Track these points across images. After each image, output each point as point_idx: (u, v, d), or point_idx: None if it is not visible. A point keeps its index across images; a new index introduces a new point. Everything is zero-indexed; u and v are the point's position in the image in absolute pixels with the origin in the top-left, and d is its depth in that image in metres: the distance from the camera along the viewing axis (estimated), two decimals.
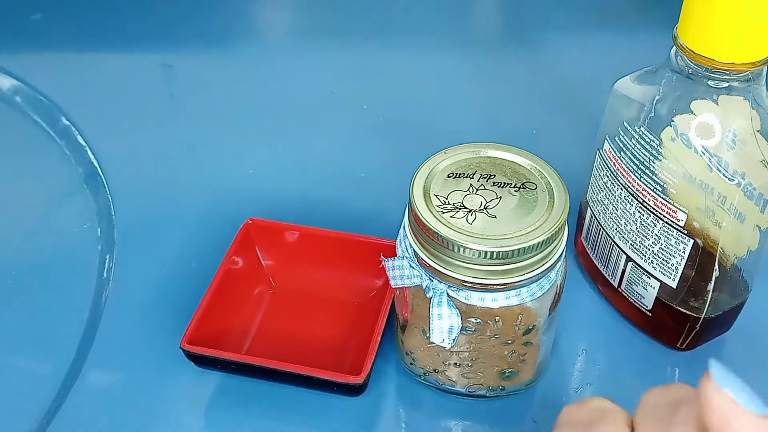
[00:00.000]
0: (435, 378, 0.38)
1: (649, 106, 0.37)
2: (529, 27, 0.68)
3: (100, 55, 0.64)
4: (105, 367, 0.41)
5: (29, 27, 0.67)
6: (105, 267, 0.46)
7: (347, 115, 0.58)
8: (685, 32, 0.34)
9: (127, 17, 0.68)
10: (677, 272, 0.38)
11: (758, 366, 0.41)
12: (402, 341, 0.39)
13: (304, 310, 0.43)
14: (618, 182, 0.39)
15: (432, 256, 0.33)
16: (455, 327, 0.34)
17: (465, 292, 0.33)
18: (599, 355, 0.42)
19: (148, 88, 0.61)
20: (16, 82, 0.60)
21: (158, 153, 0.55)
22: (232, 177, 0.52)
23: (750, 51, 0.33)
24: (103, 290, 0.45)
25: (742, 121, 0.34)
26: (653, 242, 0.38)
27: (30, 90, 0.59)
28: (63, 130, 0.56)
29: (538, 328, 0.36)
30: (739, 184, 0.34)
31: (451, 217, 0.32)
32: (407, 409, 0.39)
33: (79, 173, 0.53)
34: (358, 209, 0.49)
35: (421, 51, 0.65)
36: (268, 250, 0.44)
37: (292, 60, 0.64)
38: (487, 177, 0.34)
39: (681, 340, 0.41)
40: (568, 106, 0.58)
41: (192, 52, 0.65)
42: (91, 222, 0.49)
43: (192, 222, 0.49)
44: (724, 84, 0.34)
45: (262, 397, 0.39)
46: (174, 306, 0.43)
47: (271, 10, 0.74)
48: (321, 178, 0.52)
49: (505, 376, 0.37)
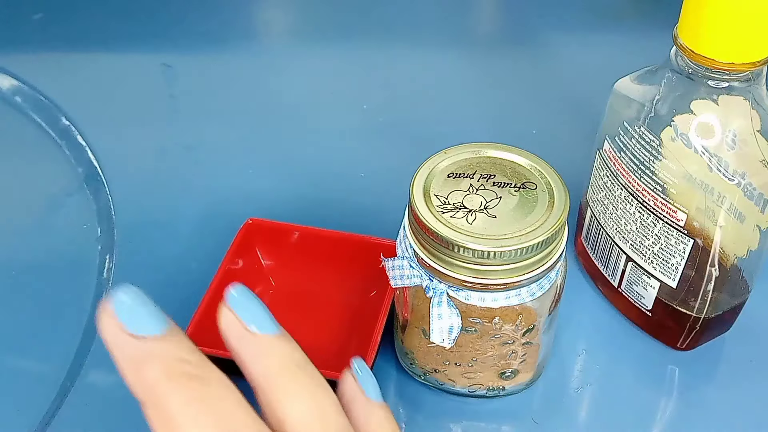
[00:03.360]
0: (435, 378, 0.38)
1: (649, 106, 0.37)
2: (529, 27, 0.68)
3: (100, 55, 0.64)
4: (105, 367, 0.41)
5: (29, 27, 0.67)
6: (105, 267, 0.46)
7: (347, 115, 0.58)
8: (685, 32, 0.34)
9: (127, 17, 0.68)
10: (677, 272, 0.38)
11: (758, 366, 0.41)
12: (402, 341, 0.39)
13: (304, 310, 0.43)
14: (618, 182, 0.39)
15: (432, 256, 0.33)
16: (455, 327, 0.34)
17: (465, 292, 0.33)
18: (599, 355, 0.42)
19: (148, 88, 0.61)
20: (16, 82, 0.60)
21: (158, 153, 0.55)
22: (232, 177, 0.52)
23: (750, 51, 0.33)
24: (103, 290, 0.45)
25: (742, 121, 0.34)
26: (653, 242, 0.38)
27: (30, 90, 0.59)
28: (63, 130, 0.56)
29: (538, 328, 0.36)
30: (739, 184, 0.34)
31: (451, 217, 0.32)
32: (407, 409, 0.39)
33: (79, 173, 0.53)
34: (358, 209, 0.49)
35: (421, 51, 0.65)
36: (268, 250, 0.44)
37: (292, 60, 0.64)
38: (487, 177, 0.34)
39: (681, 340, 0.41)
40: (568, 106, 0.58)
41: (192, 52, 0.65)
42: (91, 222, 0.49)
43: (192, 222, 0.49)
44: (724, 84, 0.34)
45: None
46: (174, 306, 0.43)
47: (271, 10, 0.74)
48: (321, 178, 0.52)
49: (505, 376, 0.37)
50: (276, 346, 0.23)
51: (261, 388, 0.23)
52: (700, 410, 0.39)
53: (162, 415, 0.21)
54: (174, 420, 0.20)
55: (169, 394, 0.21)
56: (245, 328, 0.23)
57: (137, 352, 0.21)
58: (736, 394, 0.40)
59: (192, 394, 0.21)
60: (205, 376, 0.21)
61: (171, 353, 0.21)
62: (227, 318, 0.24)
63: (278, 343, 0.24)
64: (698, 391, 0.40)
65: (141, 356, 0.21)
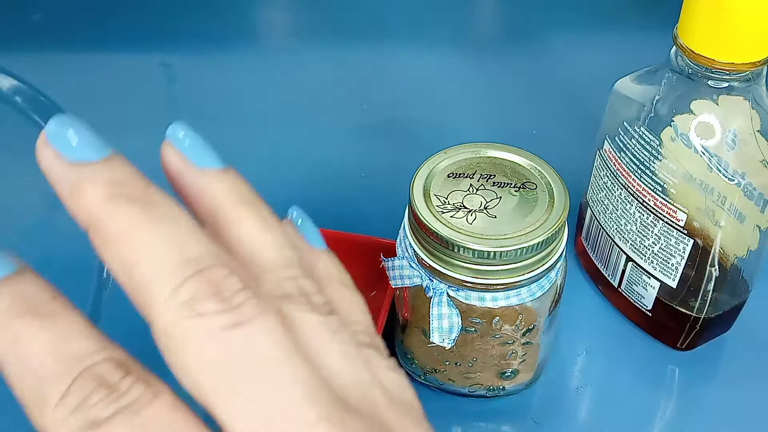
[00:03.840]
0: (435, 378, 0.38)
1: (649, 106, 0.37)
2: (529, 27, 0.68)
3: (100, 55, 0.64)
4: None
5: (29, 27, 0.67)
6: (105, 267, 0.46)
7: (347, 115, 0.58)
8: (685, 32, 0.34)
9: (127, 17, 0.68)
10: (677, 272, 0.38)
11: (758, 366, 0.41)
12: (402, 341, 0.39)
13: None
14: (618, 182, 0.39)
15: (432, 256, 0.33)
16: (455, 327, 0.34)
17: (465, 292, 0.33)
18: (599, 355, 0.42)
19: (148, 88, 0.61)
20: (16, 82, 0.60)
21: (158, 153, 0.54)
22: None
23: (750, 51, 0.33)
24: (103, 290, 0.45)
25: (742, 121, 0.34)
26: (653, 242, 0.38)
27: (30, 90, 0.59)
28: None
29: (538, 328, 0.36)
30: (739, 184, 0.34)
31: (451, 217, 0.32)
32: None
33: None
34: (358, 209, 0.49)
35: (421, 51, 0.65)
36: None
37: (292, 60, 0.63)
38: (487, 177, 0.34)
39: (681, 340, 0.41)
40: (568, 106, 0.58)
41: (192, 52, 0.65)
42: None
43: None
44: (724, 84, 0.34)
45: None
46: None
47: (271, 10, 0.74)
48: (321, 178, 0.52)
49: (505, 376, 0.37)
50: (223, 180, 0.22)
51: (212, 217, 0.21)
52: (700, 410, 0.39)
53: (104, 237, 0.20)
54: (117, 239, 0.19)
55: (111, 215, 0.19)
56: (186, 163, 0.22)
57: (74, 178, 0.20)
58: (736, 394, 0.40)
59: (134, 214, 0.19)
60: (149, 199, 0.20)
61: (109, 177, 0.20)
62: (168, 154, 0.22)
63: (226, 176, 0.22)
64: (698, 391, 0.40)
65: (78, 182, 0.20)
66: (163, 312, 0.19)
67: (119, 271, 0.20)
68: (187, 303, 0.18)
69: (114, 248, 0.19)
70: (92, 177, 0.20)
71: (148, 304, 0.19)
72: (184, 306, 0.18)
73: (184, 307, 0.18)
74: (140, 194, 0.20)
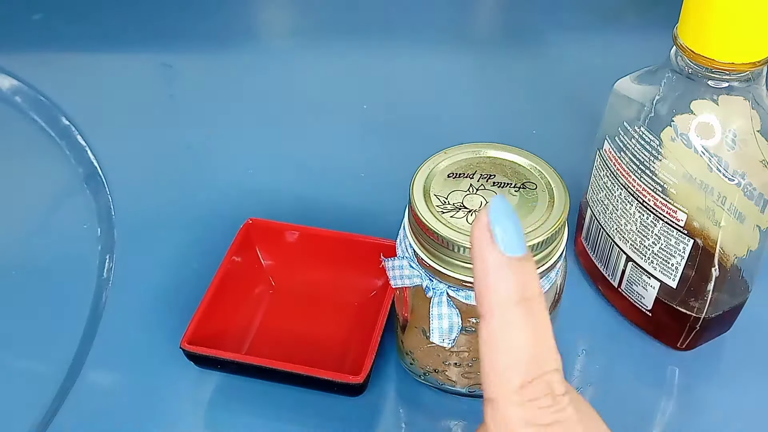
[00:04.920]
0: (435, 378, 0.38)
1: (649, 106, 0.37)
2: (530, 27, 0.68)
3: (100, 55, 0.64)
4: (105, 367, 0.41)
5: (29, 27, 0.67)
6: (105, 267, 0.46)
7: (347, 115, 0.58)
8: (685, 32, 0.34)
9: (127, 17, 0.68)
10: (677, 272, 0.38)
11: (758, 366, 0.41)
12: (402, 341, 0.39)
13: (304, 310, 0.43)
14: (618, 182, 0.39)
15: (432, 256, 0.33)
16: (455, 327, 0.34)
17: (465, 292, 0.33)
18: (599, 355, 0.42)
19: (148, 88, 0.61)
20: (16, 82, 0.60)
21: (158, 153, 0.55)
22: (232, 177, 0.52)
23: (750, 51, 0.33)
24: (103, 290, 0.45)
25: (742, 121, 0.34)
26: (653, 242, 0.38)
27: (30, 90, 0.60)
28: (63, 130, 0.56)
29: None
30: (739, 184, 0.34)
31: (451, 217, 0.32)
32: (407, 409, 0.39)
33: (79, 173, 0.53)
34: (358, 209, 0.49)
35: (421, 50, 0.65)
36: (268, 250, 0.44)
37: (292, 60, 0.64)
38: (487, 177, 0.34)
39: (681, 340, 0.41)
40: (568, 106, 0.58)
41: (192, 52, 0.65)
42: (91, 222, 0.49)
43: (192, 222, 0.49)
44: (724, 84, 0.34)
45: (261, 397, 0.39)
46: (174, 306, 0.43)
47: (271, 10, 0.74)
48: (321, 178, 0.52)
49: None
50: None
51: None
52: (700, 410, 0.39)
53: (489, 320, 0.23)
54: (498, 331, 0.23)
55: (506, 312, 0.22)
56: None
57: (496, 266, 0.23)
58: (736, 394, 0.40)
59: (518, 316, 0.22)
60: (530, 308, 0.23)
61: (521, 281, 0.23)
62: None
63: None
64: (698, 391, 0.40)
65: (500, 270, 0.22)
66: (509, 398, 0.23)
67: (486, 341, 0.23)
68: (531, 401, 0.22)
69: (491, 330, 0.23)
70: (507, 275, 0.23)
71: (497, 384, 0.23)
72: (529, 403, 0.22)
73: (530, 404, 0.22)
74: (535, 298, 0.23)
